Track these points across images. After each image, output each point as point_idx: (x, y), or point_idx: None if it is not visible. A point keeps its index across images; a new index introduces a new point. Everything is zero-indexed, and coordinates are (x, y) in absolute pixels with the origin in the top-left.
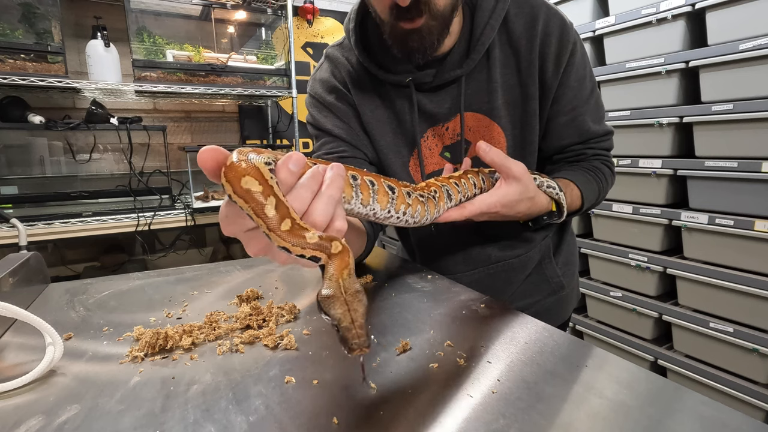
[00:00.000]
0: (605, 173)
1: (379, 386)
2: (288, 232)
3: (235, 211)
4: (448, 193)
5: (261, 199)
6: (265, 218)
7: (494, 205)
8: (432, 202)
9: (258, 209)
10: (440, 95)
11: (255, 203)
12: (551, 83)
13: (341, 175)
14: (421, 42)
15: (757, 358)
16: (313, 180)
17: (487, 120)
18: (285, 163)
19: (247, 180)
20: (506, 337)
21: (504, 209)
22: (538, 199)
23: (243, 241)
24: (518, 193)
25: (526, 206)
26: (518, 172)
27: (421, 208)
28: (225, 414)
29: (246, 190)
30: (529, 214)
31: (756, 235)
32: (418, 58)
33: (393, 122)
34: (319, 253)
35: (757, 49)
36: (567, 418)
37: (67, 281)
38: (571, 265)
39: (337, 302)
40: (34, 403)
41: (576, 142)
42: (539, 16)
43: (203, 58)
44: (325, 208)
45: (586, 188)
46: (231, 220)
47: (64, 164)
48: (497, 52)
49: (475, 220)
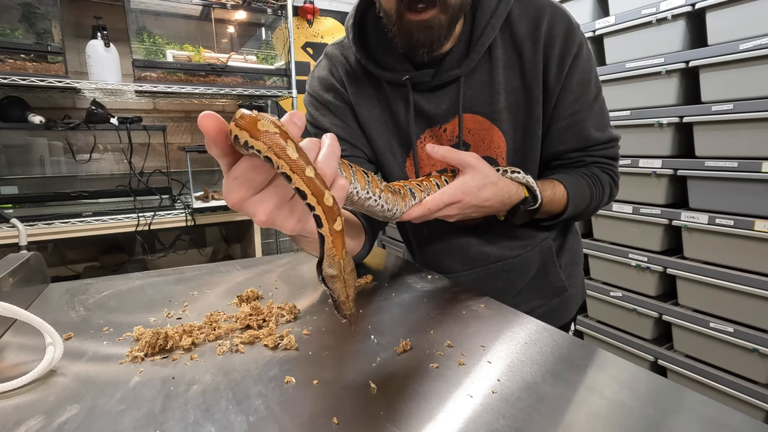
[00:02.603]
0: (602, 180)
1: (379, 386)
2: (311, 179)
3: (247, 167)
4: (411, 191)
5: (281, 141)
6: (288, 159)
7: (455, 194)
8: (399, 196)
9: (279, 151)
10: (438, 96)
11: (276, 144)
12: (554, 86)
13: (336, 140)
14: (428, 35)
15: (757, 358)
16: (313, 142)
17: (488, 123)
18: (290, 118)
19: (264, 123)
20: (506, 337)
21: (468, 197)
22: (503, 183)
23: (250, 208)
24: (477, 179)
25: (491, 191)
26: (471, 161)
27: (392, 197)
28: (225, 414)
29: (264, 131)
30: (502, 202)
31: (756, 235)
32: (423, 53)
33: (389, 122)
34: (325, 218)
35: (757, 49)
36: (567, 418)
37: (67, 281)
38: (576, 266)
39: (338, 281)
40: (34, 403)
41: (575, 148)
42: (544, 16)
43: (203, 58)
44: (332, 161)
45: (573, 189)
46: (240, 181)
47: (64, 164)
48: (500, 53)
49: (448, 219)
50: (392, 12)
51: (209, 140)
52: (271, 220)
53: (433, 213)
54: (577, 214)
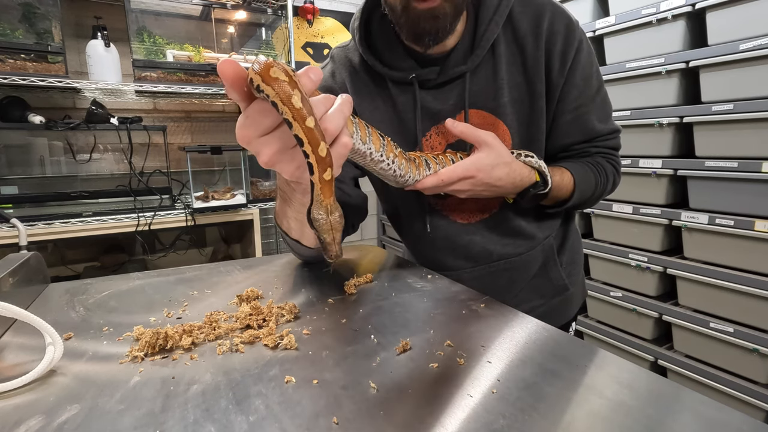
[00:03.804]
0: (606, 169)
1: (379, 386)
2: (311, 129)
3: (258, 109)
4: (426, 162)
5: (288, 89)
6: (292, 107)
7: (469, 169)
8: (413, 164)
9: (285, 98)
10: (444, 92)
11: (283, 92)
12: (557, 81)
13: (350, 101)
14: (434, 24)
15: (757, 358)
16: (327, 99)
17: (492, 118)
18: (306, 72)
19: (276, 71)
20: (506, 337)
21: (481, 174)
22: (516, 165)
23: (256, 146)
24: (492, 157)
25: (504, 172)
26: (488, 139)
27: (405, 163)
28: (225, 414)
29: (275, 78)
30: (513, 184)
31: (756, 235)
32: (429, 42)
33: (394, 122)
34: (317, 167)
35: (757, 49)
36: (567, 418)
37: (67, 281)
38: (576, 265)
39: (324, 224)
40: (34, 403)
41: (580, 140)
42: (545, 14)
43: (203, 58)
44: (337, 118)
45: (580, 176)
46: (251, 120)
47: (64, 164)
48: (503, 49)
49: (459, 195)
50: (398, 3)
51: (227, 85)
52: (273, 162)
53: (446, 185)
54: (582, 202)
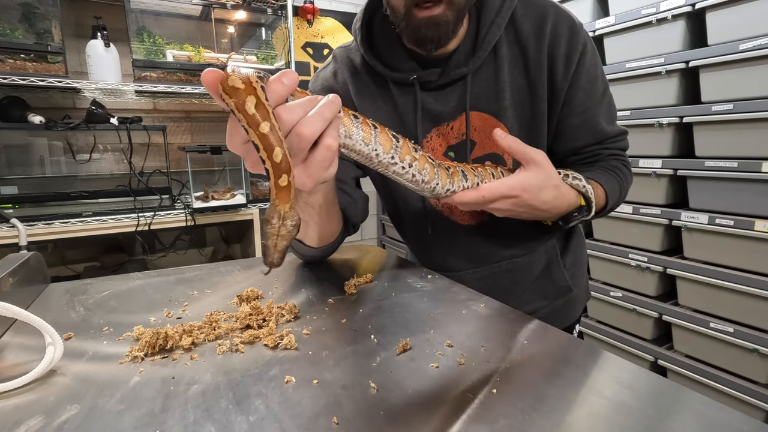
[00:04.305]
0: (624, 173)
1: (379, 386)
2: (264, 135)
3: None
4: (463, 173)
5: (242, 96)
6: (245, 113)
7: (514, 187)
8: (444, 171)
9: (240, 105)
10: (445, 94)
11: (237, 99)
12: (561, 84)
13: (336, 102)
14: (435, 31)
15: (757, 358)
16: (308, 102)
17: (493, 120)
18: (279, 76)
19: (233, 80)
20: (506, 337)
21: (526, 195)
22: (564, 189)
23: (242, 154)
24: (540, 178)
25: (551, 195)
26: (538, 158)
27: (429, 168)
28: (225, 414)
29: (231, 87)
30: (558, 207)
31: (756, 235)
32: (431, 48)
33: (395, 122)
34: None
35: (757, 49)
36: (567, 418)
37: (67, 281)
38: (580, 265)
39: (271, 229)
40: (34, 403)
41: (591, 143)
42: (548, 17)
43: (203, 58)
44: (314, 121)
45: (609, 187)
46: (232, 131)
47: (64, 164)
48: (505, 51)
49: (495, 213)
50: (400, 8)
51: (211, 94)
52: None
53: (487, 202)
54: (608, 211)
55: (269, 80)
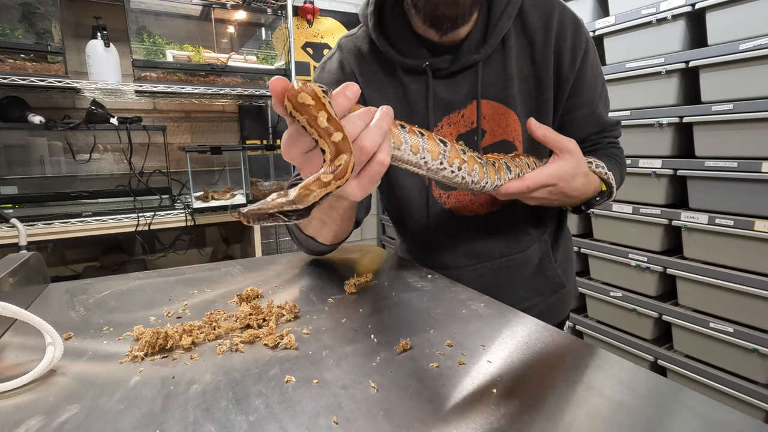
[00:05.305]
0: (623, 159)
1: (379, 386)
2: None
3: (297, 131)
4: (506, 165)
5: (314, 112)
6: (317, 127)
7: (552, 176)
8: (492, 168)
9: (311, 120)
10: (456, 81)
11: (309, 115)
12: (567, 76)
13: (390, 114)
14: (454, 10)
15: (757, 358)
16: (365, 113)
17: (503, 108)
18: (343, 89)
19: (303, 96)
20: (506, 337)
21: (562, 182)
22: (592, 177)
23: (299, 164)
24: (573, 167)
25: (581, 182)
26: (571, 147)
27: (479, 168)
28: (225, 414)
29: (302, 104)
30: (585, 194)
31: (756, 235)
32: (447, 27)
33: (405, 110)
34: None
35: (757, 49)
36: (567, 418)
37: (67, 281)
38: (569, 261)
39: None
40: (34, 403)
41: (594, 132)
42: (554, 10)
43: (203, 58)
44: (375, 135)
45: (614, 173)
46: (292, 141)
47: (64, 164)
48: (513, 41)
49: (529, 202)
50: None
51: (275, 101)
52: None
53: (530, 191)
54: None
55: (334, 94)
